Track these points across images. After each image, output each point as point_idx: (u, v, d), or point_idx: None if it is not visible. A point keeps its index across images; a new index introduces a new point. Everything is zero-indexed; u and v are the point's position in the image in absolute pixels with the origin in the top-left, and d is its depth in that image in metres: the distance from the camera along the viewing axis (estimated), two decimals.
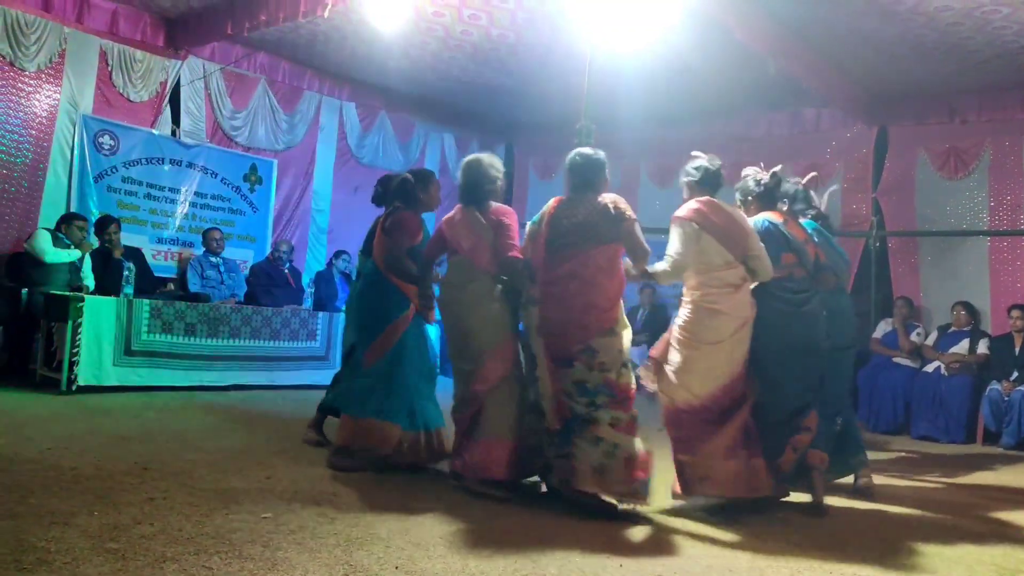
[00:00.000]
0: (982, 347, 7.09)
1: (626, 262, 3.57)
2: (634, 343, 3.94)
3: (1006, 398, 6.60)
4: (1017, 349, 6.84)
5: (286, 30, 7.48)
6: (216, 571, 2.37)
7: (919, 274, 8.05)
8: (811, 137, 8.70)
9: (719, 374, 3.56)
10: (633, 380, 3.53)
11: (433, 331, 4.32)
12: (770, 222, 3.88)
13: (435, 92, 9.17)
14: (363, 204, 9.19)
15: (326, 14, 6.22)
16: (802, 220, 4.20)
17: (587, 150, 3.76)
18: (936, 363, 7.19)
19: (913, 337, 7.46)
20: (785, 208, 4.05)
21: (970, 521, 3.87)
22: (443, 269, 3.98)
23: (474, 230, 3.76)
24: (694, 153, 3.85)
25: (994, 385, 6.74)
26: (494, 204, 3.81)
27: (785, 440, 3.66)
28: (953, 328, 7.34)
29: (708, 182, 3.75)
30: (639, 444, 3.40)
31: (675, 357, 3.61)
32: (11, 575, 2.22)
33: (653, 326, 8.29)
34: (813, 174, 4.51)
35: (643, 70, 6.78)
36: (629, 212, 3.51)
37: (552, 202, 3.68)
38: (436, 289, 4.05)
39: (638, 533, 3.18)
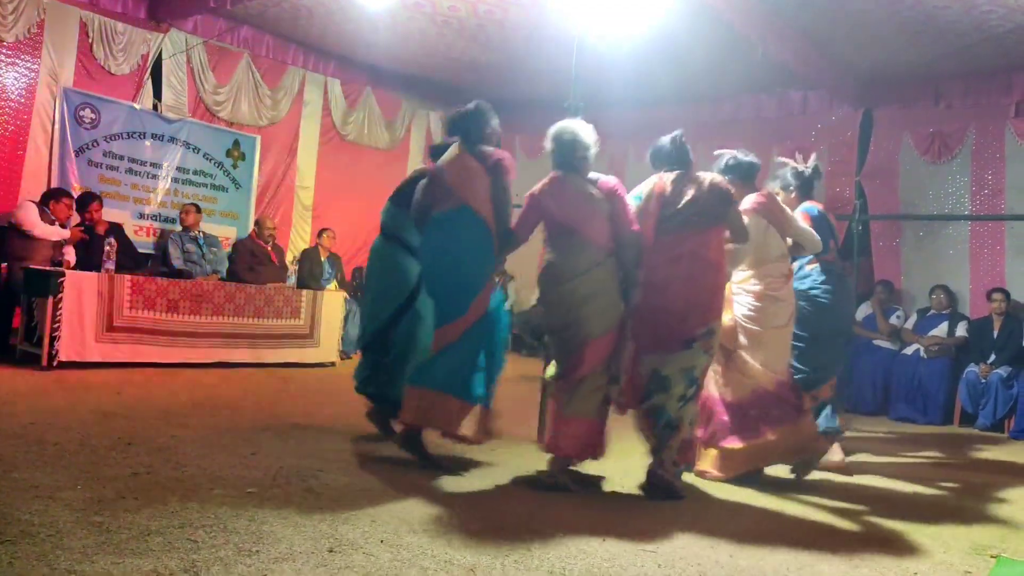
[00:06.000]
0: (960, 330, 7.19)
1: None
2: None
3: (983, 381, 6.70)
4: (996, 332, 6.93)
5: (270, 3, 7.38)
6: (201, 544, 2.38)
7: (901, 257, 8.12)
8: (797, 120, 8.72)
9: (787, 353, 3.91)
10: None
11: None
12: (819, 211, 4.31)
13: (421, 69, 9.09)
14: (348, 183, 9.21)
15: None
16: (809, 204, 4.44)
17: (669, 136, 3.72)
18: (915, 346, 7.28)
19: (893, 320, 7.55)
20: (793, 194, 4.35)
21: (946, 498, 3.94)
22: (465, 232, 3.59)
23: (589, 203, 3.50)
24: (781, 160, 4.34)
25: (971, 368, 6.84)
26: (595, 174, 3.59)
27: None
28: (932, 311, 7.43)
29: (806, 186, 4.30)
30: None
31: (747, 342, 3.82)
32: None
33: None
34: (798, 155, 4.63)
35: (631, 50, 6.75)
36: (734, 193, 3.64)
37: (657, 180, 3.61)
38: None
39: (620, 511, 3.21)
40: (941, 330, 7.26)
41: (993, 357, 6.80)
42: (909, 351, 7.31)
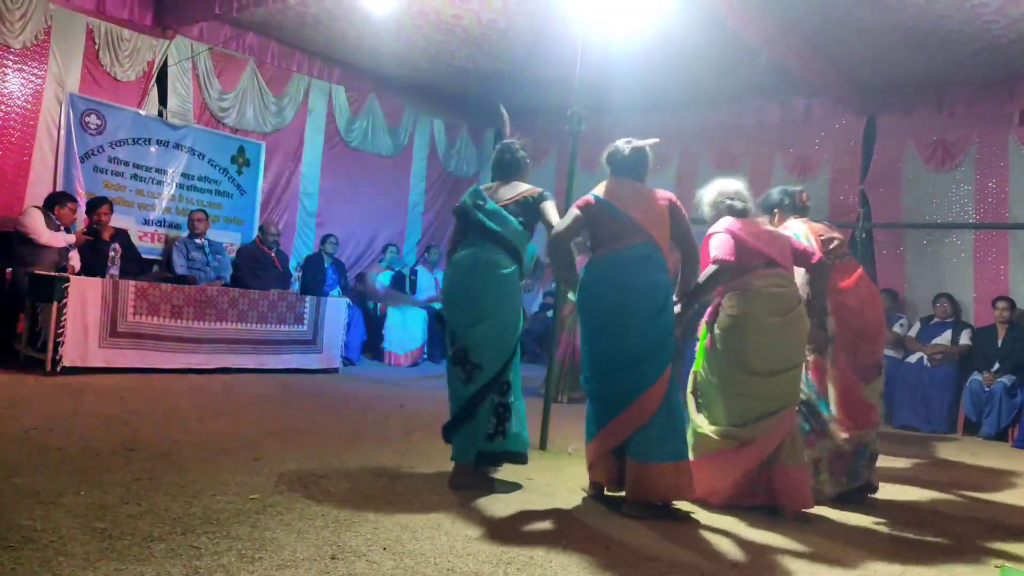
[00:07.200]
0: (964, 338, 7.17)
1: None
2: None
3: (987, 389, 6.68)
4: (1000, 341, 6.91)
5: (275, 11, 7.41)
6: (203, 551, 2.38)
7: (904, 265, 8.11)
8: (800, 127, 8.73)
9: None
10: None
11: None
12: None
13: (425, 76, 9.12)
14: (352, 189, 9.23)
15: None
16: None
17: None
18: (919, 354, 7.27)
19: (896, 328, 7.53)
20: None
21: (950, 507, 3.93)
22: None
23: (782, 239, 3.51)
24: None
25: (975, 376, 6.82)
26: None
27: None
28: (936, 320, 7.41)
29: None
30: None
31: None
32: None
33: None
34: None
35: (635, 57, 6.77)
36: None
37: (803, 223, 3.78)
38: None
39: (623, 521, 3.20)
40: (945, 338, 7.24)
41: (997, 366, 6.78)
42: (913, 359, 7.29)
